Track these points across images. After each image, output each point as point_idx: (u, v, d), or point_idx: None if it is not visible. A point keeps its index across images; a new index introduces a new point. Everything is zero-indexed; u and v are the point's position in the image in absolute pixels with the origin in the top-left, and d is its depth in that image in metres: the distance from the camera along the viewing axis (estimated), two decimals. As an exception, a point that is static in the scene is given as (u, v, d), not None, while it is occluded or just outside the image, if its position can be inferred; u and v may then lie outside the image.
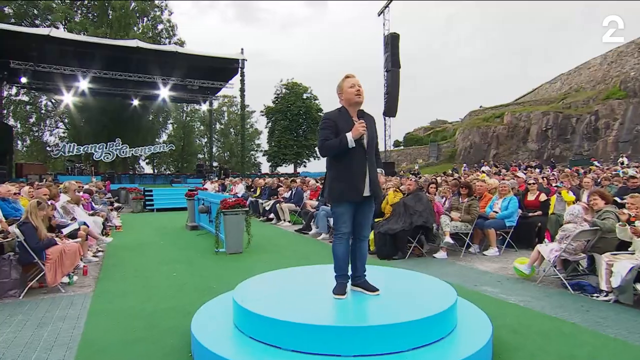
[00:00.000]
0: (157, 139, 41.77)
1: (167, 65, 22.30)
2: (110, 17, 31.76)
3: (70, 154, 25.85)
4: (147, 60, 21.68)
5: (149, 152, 30.14)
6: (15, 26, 22.22)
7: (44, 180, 19.40)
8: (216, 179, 24.27)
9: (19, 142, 35.38)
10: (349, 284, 3.33)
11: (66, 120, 35.86)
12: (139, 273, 5.65)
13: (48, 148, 32.64)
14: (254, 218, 12.74)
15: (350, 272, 3.33)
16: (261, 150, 51.52)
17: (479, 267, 5.70)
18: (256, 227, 10.54)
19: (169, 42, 34.59)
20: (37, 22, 31.15)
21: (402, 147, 47.92)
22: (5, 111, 29.55)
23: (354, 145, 3.07)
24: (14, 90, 30.72)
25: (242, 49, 25.44)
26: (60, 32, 21.64)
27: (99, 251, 7.00)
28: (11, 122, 32.96)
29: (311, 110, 39.37)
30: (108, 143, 26.68)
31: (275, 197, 12.04)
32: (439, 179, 12.30)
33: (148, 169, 47.43)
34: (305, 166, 41.80)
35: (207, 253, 7.11)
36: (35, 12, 31.66)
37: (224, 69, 24.97)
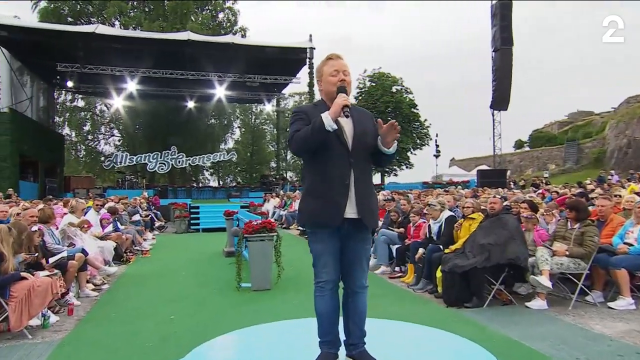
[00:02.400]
0: (221, 146, 44.17)
1: (222, 60, 23.36)
2: (166, 7, 34.48)
3: (122, 164, 28.31)
4: (200, 54, 22.92)
5: (208, 161, 31.86)
6: (60, 25, 25.08)
7: (90, 195, 21.43)
8: (281, 192, 24.68)
9: (73, 152, 39.77)
10: (342, 352, 2.84)
11: (121, 127, 39.58)
12: (133, 314, 5.62)
13: (103, 158, 36.15)
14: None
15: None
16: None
17: (594, 328, 4.68)
18: (305, 255, 10.29)
19: (232, 33, 36.43)
20: (93, 20, 34.98)
21: (526, 149, 44.76)
22: (59, 119, 33.54)
23: (335, 127, 2.65)
24: (69, 96, 34.79)
25: (310, 36, 25.74)
26: (106, 29, 23.83)
27: (104, 283, 7.21)
28: (66, 131, 37.28)
29: (402, 105, 38.51)
30: (163, 152, 28.69)
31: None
32: (560, 191, 10.92)
33: (213, 181, 50.44)
34: (396, 174, 40.92)
35: (228, 288, 6.95)
36: (91, 9, 35.61)
37: (290, 60, 25.45)
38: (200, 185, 37.52)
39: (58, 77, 25.43)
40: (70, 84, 23.35)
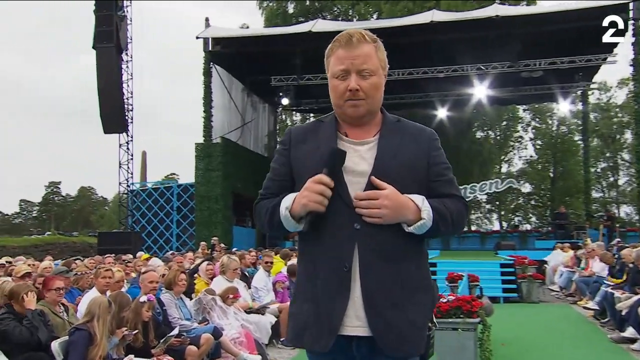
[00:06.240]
0: (500, 169, 43.42)
1: (483, 44, 22.92)
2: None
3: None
4: (451, 41, 22.97)
5: (473, 193, 31.26)
6: (271, 29, 28.35)
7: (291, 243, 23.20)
8: (596, 243, 22.01)
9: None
10: None
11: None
12: None
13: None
14: (604, 330, 10.99)
15: None
16: None
17: None
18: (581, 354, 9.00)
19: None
20: (326, 17, 38.85)
21: None
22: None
23: (302, 229, 2.25)
24: (298, 117, 39.16)
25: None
26: (326, 24, 25.83)
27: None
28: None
29: None
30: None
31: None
32: None
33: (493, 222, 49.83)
34: None
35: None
36: (325, 1, 39.59)
37: (595, 29, 23.16)
38: (467, 229, 37.15)
39: (280, 93, 28.77)
40: (285, 101, 26.01)
